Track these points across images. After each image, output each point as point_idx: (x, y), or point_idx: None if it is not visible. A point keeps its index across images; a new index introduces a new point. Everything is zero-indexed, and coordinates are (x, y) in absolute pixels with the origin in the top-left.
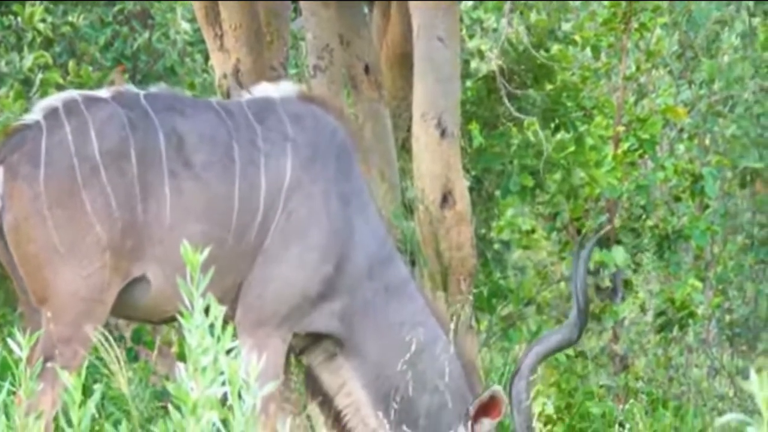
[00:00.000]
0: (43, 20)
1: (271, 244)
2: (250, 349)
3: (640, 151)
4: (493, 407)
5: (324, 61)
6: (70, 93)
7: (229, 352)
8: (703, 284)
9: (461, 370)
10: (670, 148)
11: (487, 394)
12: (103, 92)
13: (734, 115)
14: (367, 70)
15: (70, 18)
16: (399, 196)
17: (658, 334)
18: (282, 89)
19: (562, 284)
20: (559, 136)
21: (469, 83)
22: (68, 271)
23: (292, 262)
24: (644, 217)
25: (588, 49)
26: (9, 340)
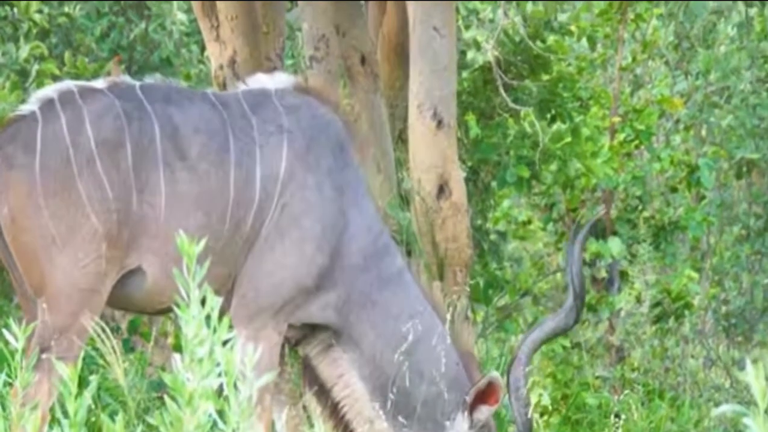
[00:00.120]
0: (40, 11)
1: (267, 236)
2: (246, 341)
3: (636, 142)
4: (491, 394)
5: (320, 52)
6: (65, 84)
7: (225, 344)
8: (699, 275)
9: (459, 359)
10: (666, 139)
11: (484, 381)
12: (99, 83)
13: (730, 106)
14: (364, 61)
15: (66, 9)
16: (395, 187)
17: (654, 325)
18: (277, 80)
19: (559, 275)
20: (555, 127)
21: (465, 74)
22: (64, 262)
23: (287, 253)
24: (640, 208)
25: (584, 40)
26: (5, 331)
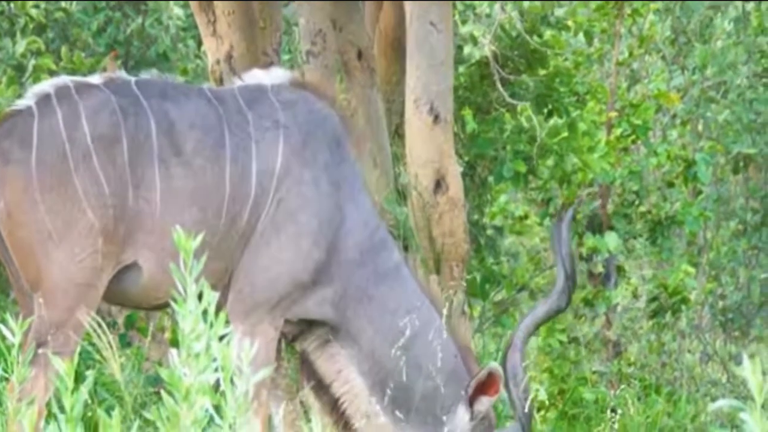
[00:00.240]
0: (36, 6)
1: (263, 231)
2: (242, 336)
3: (633, 137)
4: (491, 385)
5: (317, 47)
6: (62, 79)
7: (221, 339)
8: (696, 270)
9: (457, 351)
10: (663, 134)
11: (484, 372)
12: (95, 78)
13: (727, 101)
14: (360, 56)
15: (63, 4)
16: (392, 182)
17: (651, 319)
18: (274, 76)
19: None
20: (552, 122)
21: (462, 69)
22: (60, 256)
23: (283, 248)
24: (637, 202)
25: (581, 35)
26: (2, 327)
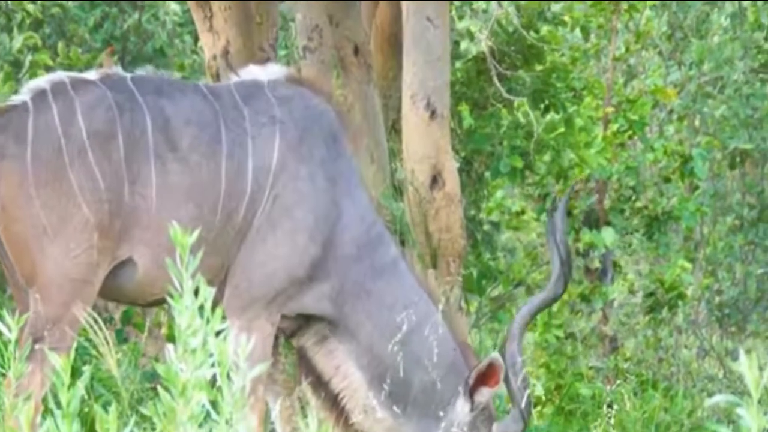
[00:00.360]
0: (33, 1)
1: (259, 227)
2: (239, 331)
3: (630, 132)
4: (491, 375)
5: (313, 43)
6: (58, 75)
7: (218, 334)
8: (693, 265)
9: (456, 345)
10: (660, 129)
11: (485, 363)
12: (91, 74)
13: (724, 96)
14: (357, 51)
15: None
16: (388, 178)
17: (648, 315)
18: (270, 72)
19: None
20: (548, 117)
21: (458, 64)
22: (56, 252)
23: (279, 244)
24: (634, 198)
25: (577, 30)
26: None
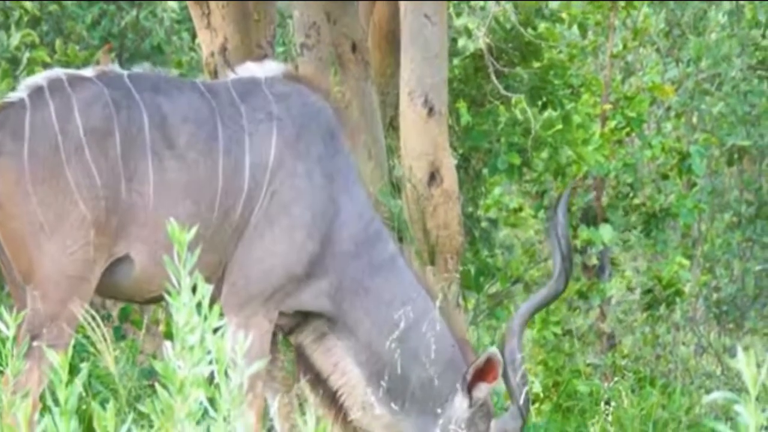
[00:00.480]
0: None
1: (256, 224)
2: (237, 328)
3: (627, 129)
4: (489, 371)
5: (311, 39)
6: (55, 71)
7: (216, 331)
8: (691, 262)
9: (454, 341)
10: (658, 126)
11: (483, 358)
12: (88, 72)
13: (721, 93)
14: (354, 48)
15: None
16: (386, 174)
17: (645, 312)
18: (267, 69)
19: (550, 262)
20: (546, 114)
21: (456, 61)
22: (53, 249)
23: (276, 241)
24: (631, 195)
25: (575, 27)
26: None
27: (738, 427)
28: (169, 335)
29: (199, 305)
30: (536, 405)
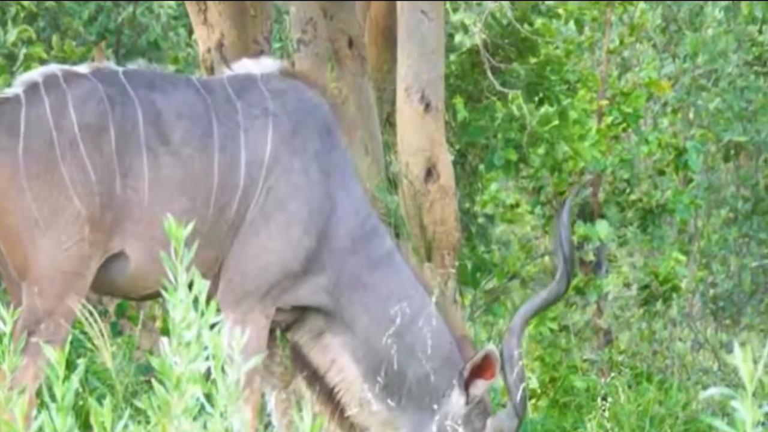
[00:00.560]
0: None
1: (252, 220)
2: (233, 324)
3: (624, 125)
4: (487, 368)
5: (308, 35)
6: (50, 68)
7: (212, 327)
8: (687, 258)
9: (451, 337)
10: (654, 122)
11: (480, 355)
12: (83, 68)
13: (718, 89)
14: (351, 44)
15: None
16: (383, 170)
17: (642, 308)
18: (263, 65)
19: (546, 258)
20: (542, 110)
21: (453, 57)
22: (47, 244)
23: (273, 237)
24: (628, 191)
25: (572, 23)
26: None
27: (735, 423)
28: (166, 331)
29: (196, 301)
30: (533, 401)
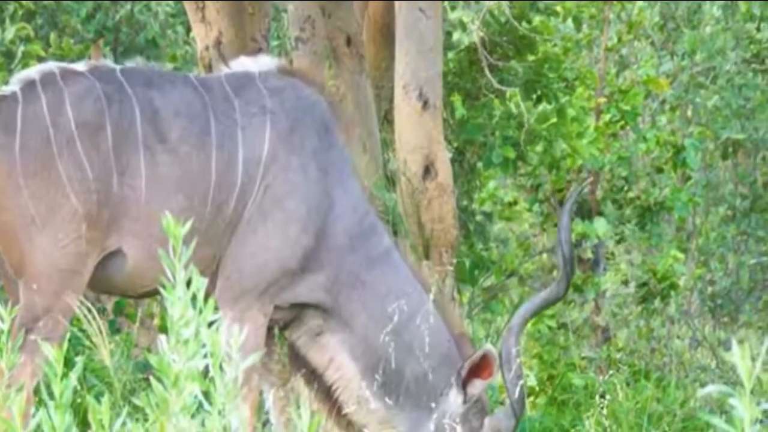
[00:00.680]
0: None
1: (250, 218)
2: (231, 322)
3: (622, 123)
4: (485, 367)
5: (306, 33)
6: (48, 65)
7: (210, 325)
8: (685, 255)
9: (450, 335)
10: (652, 120)
11: (478, 354)
12: (80, 66)
13: (716, 87)
14: (349, 42)
15: None
16: (381, 168)
17: (640, 305)
18: (261, 63)
19: (545, 256)
20: (540, 108)
21: (451, 55)
22: (44, 242)
23: (270, 235)
24: (626, 188)
25: (570, 21)
26: None
27: (733, 421)
28: (164, 329)
29: (194, 299)
30: (531, 398)
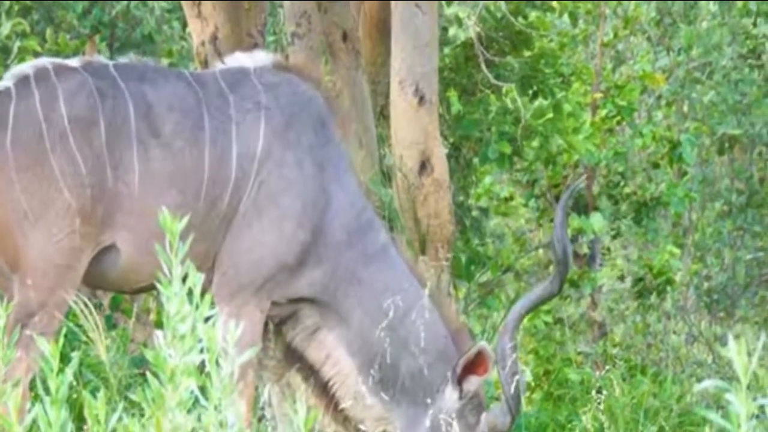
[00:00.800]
0: None
1: (245, 213)
2: (228, 318)
3: (618, 118)
4: (480, 363)
5: (302, 29)
6: (42, 61)
7: (207, 320)
8: (681, 251)
9: (446, 331)
10: (648, 115)
11: (473, 351)
12: (74, 61)
13: (712, 82)
14: (345, 37)
15: None
16: (377, 164)
17: (636, 300)
18: (256, 58)
19: (540, 251)
20: (537, 103)
21: (447, 50)
22: (38, 237)
23: (265, 231)
24: (622, 184)
25: (566, 16)
26: None
27: (729, 416)
28: (160, 324)
29: (190, 294)
30: (527, 393)
